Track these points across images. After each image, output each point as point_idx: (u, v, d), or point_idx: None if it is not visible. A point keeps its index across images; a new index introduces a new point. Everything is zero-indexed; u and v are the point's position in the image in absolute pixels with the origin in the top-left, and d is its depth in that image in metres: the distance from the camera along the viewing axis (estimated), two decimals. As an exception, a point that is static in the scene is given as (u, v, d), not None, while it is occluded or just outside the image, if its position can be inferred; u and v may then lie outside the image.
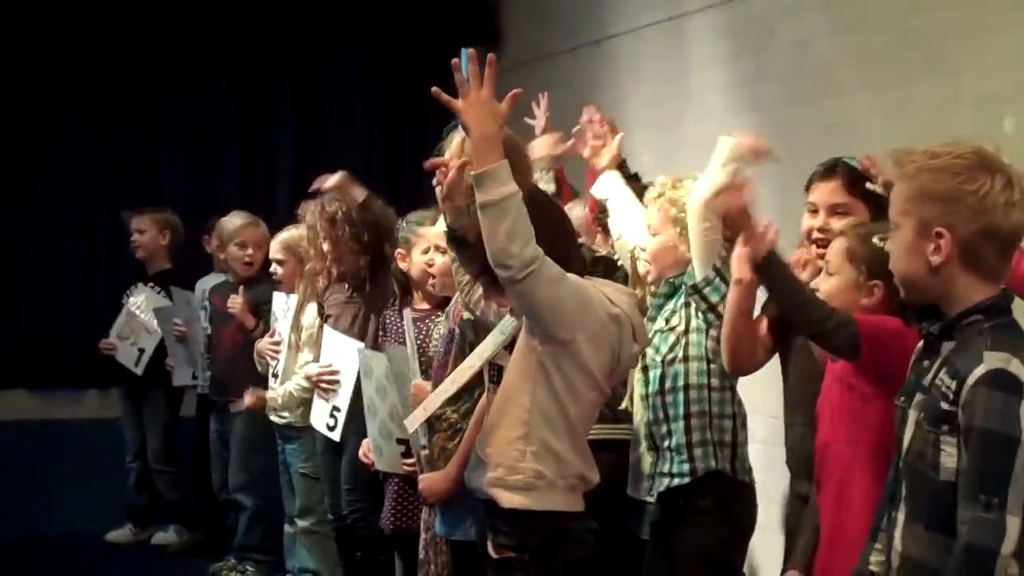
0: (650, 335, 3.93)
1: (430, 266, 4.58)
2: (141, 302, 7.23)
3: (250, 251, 6.53)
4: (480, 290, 3.65)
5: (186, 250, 7.48)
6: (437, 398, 3.77)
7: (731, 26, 6.13)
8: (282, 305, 5.83)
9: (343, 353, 5.28)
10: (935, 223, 2.57)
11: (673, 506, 3.90)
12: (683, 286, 3.93)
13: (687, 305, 3.94)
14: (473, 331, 3.80)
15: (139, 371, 7.19)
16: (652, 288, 4.16)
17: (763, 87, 5.85)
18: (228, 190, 8.14)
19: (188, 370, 7.11)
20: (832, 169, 3.61)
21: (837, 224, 3.47)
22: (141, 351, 7.19)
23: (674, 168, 5.74)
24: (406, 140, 8.55)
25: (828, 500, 3.18)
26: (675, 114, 6.52)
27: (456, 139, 3.78)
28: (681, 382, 3.90)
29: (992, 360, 2.49)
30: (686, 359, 3.90)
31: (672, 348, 3.93)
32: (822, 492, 3.21)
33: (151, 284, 7.29)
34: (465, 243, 3.49)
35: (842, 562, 2.96)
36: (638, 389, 4.12)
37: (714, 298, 3.78)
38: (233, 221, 6.65)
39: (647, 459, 4.10)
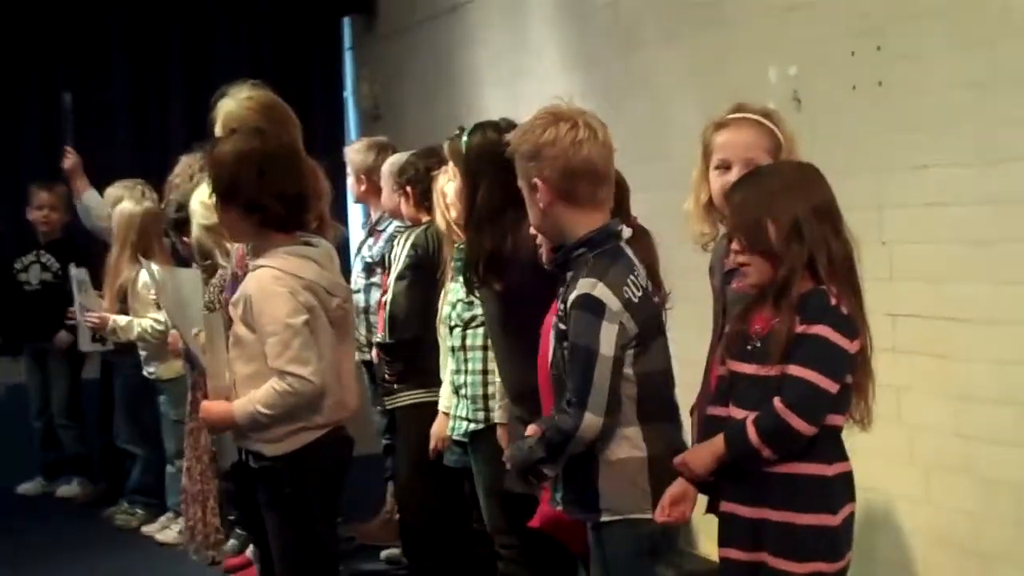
0: (453, 297, 4.37)
1: None
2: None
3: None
4: None
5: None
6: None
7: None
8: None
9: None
10: (530, 177, 3.15)
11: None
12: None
13: None
14: None
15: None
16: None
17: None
18: (123, 160, 8.51)
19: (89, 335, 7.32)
20: None
21: None
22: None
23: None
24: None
25: None
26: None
27: (227, 106, 4.21)
28: (479, 342, 4.30)
29: (583, 286, 3.08)
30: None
31: (470, 310, 4.30)
32: None
33: (44, 252, 7.68)
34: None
35: None
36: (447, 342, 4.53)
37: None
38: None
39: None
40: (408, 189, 5.21)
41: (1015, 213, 3.99)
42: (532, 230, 3.48)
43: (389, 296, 5.09)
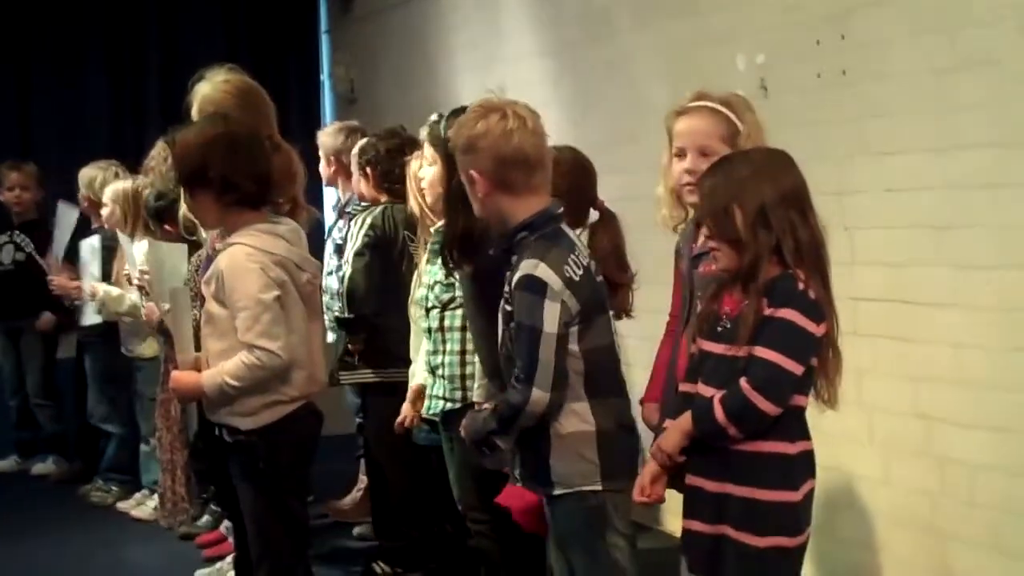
0: (429, 279, 4.42)
1: None
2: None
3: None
4: None
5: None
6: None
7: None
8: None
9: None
10: (467, 170, 3.26)
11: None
12: None
13: None
14: None
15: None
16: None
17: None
18: (99, 142, 8.55)
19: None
20: None
21: None
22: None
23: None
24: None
25: None
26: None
27: (203, 90, 4.25)
28: (458, 323, 4.36)
29: (525, 267, 3.19)
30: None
31: (449, 292, 4.35)
32: None
33: (17, 232, 7.68)
34: None
35: None
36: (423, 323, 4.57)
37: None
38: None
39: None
40: (368, 170, 5.29)
41: (974, 199, 4.09)
42: None
43: (347, 273, 5.17)
